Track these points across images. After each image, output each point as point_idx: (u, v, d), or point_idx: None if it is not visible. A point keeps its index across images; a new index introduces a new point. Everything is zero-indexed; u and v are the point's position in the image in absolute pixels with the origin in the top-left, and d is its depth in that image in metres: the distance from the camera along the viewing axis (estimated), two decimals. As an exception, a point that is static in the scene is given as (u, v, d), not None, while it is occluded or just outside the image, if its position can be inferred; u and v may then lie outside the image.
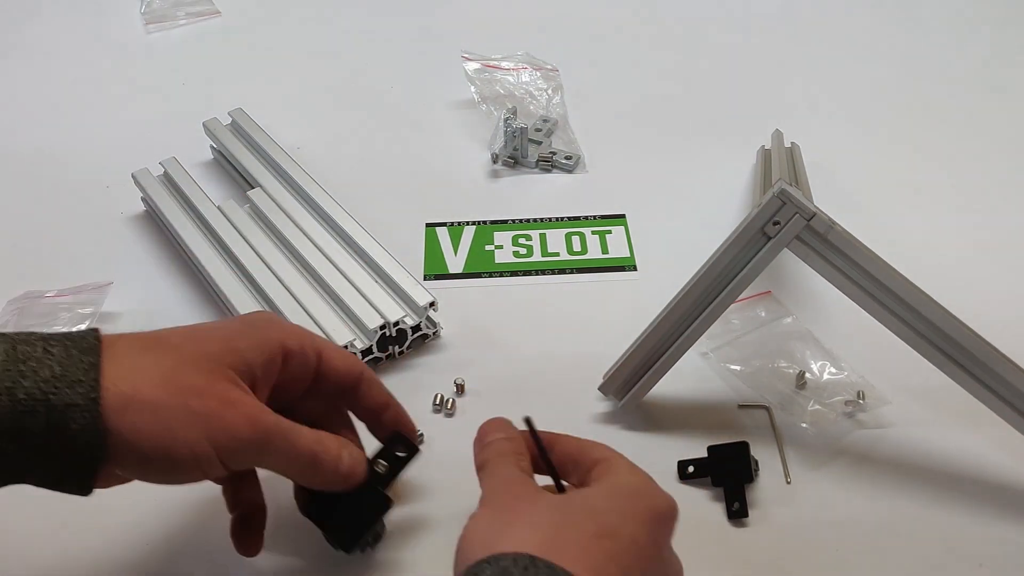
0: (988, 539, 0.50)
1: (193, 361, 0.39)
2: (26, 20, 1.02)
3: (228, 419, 0.39)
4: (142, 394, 0.37)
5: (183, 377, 0.38)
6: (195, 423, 0.38)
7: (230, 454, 0.39)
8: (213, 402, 0.38)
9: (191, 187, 0.71)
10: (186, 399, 0.38)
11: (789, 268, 0.67)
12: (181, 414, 0.37)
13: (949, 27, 1.00)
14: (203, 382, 0.38)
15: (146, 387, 0.37)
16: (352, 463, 0.45)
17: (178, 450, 0.38)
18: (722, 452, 0.52)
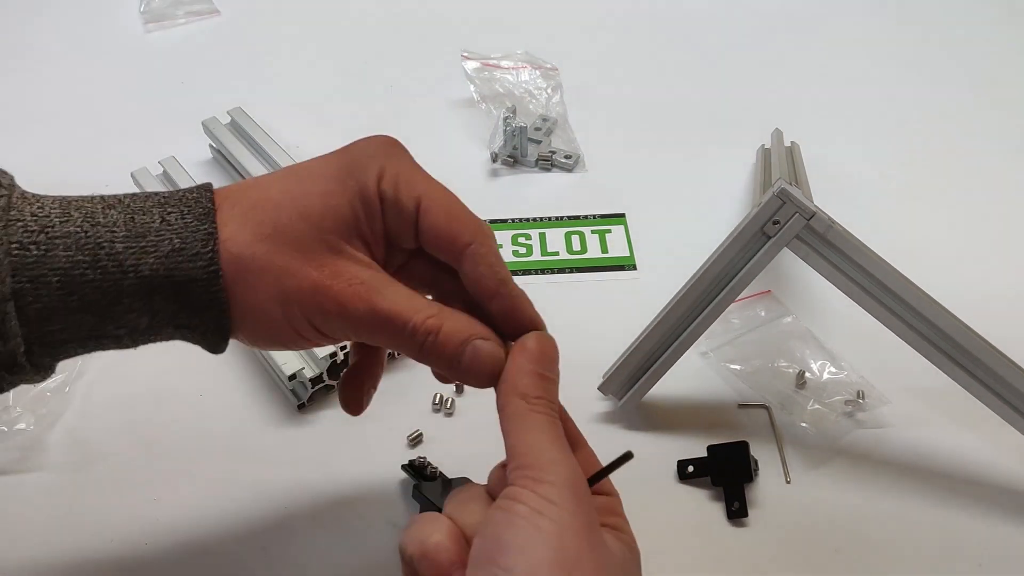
0: (988, 539, 0.50)
1: (290, 227, 0.37)
2: (26, 19, 1.02)
3: (318, 301, 0.37)
4: (250, 266, 0.36)
5: (280, 253, 0.37)
6: (291, 304, 0.37)
7: (329, 332, 0.38)
8: (305, 283, 0.37)
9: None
10: (281, 280, 0.37)
11: (789, 268, 0.67)
12: (278, 295, 0.37)
13: (949, 27, 1.00)
14: (296, 259, 0.37)
15: (250, 263, 0.36)
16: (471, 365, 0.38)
17: (282, 330, 0.38)
18: (722, 452, 0.52)
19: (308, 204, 0.37)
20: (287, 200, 0.37)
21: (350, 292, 0.37)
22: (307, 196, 0.38)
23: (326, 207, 0.38)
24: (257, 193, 0.38)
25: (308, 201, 0.37)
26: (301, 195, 0.38)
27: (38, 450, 0.55)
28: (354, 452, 0.55)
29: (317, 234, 0.37)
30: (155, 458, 0.54)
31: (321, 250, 0.37)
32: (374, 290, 0.37)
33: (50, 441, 0.55)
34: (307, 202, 0.37)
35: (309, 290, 0.37)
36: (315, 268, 0.37)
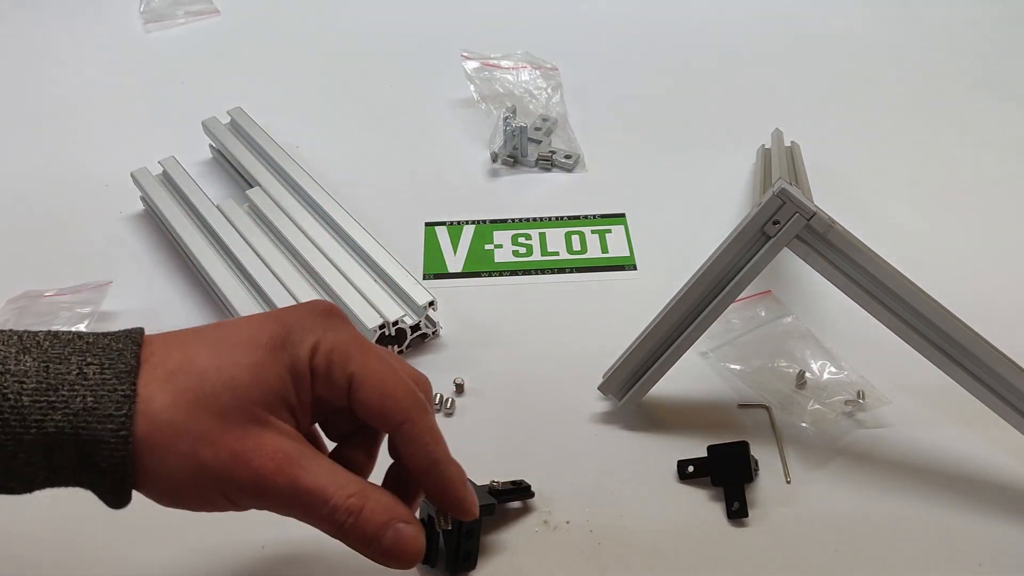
0: (988, 539, 0.50)
1: (213, 397, 0.35)
2: (26, 19, 1.02)
3: (234, 474, 0.35)
4: (161, 435, 0.35)
5: (200, 420, 0.35)
6: (204, 474, 0.35)
7: (240, 504, 0.37)
8: (223, 453, 0.35)
9: (190, 186, 0.71)
10: (197, 448, 0.35)
11: (789, 268, 0.67)
12: (191, 464, 0.35)
13: (949, 27, 1.00)
14: (216, 428, 0.35)
15: (166, 428, 0.35)
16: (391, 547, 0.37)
17: (189, 497, 0.36)
18: (722, 452, 0.52)
19: (236, 375, 0.36)
20: (213, 368, 0.36)
21: (271, 466, 0.35)
22: (236, 366, 0.36)
23: (254, 379, 0.36)
24: (182, 356, 0.36)
25: (236, 372, 0.36)
26: (230, 364, 0.36)
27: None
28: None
29: (241, 405, 0.36)
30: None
31: (244, 421, 0.36)
32: (296, 464, 0.36)
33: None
34: (235, 372, 0.36)
35: (226, 461, 0.35)
36: (235, 439, 0.35)
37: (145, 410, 0.34)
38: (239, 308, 0.61)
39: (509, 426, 0.56)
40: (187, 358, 0.36)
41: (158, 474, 0.35)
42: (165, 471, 0.35)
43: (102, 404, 0.34)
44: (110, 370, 0.35)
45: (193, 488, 0.36)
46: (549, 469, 0.53)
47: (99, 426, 0.34)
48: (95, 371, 0.34)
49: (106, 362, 0.35)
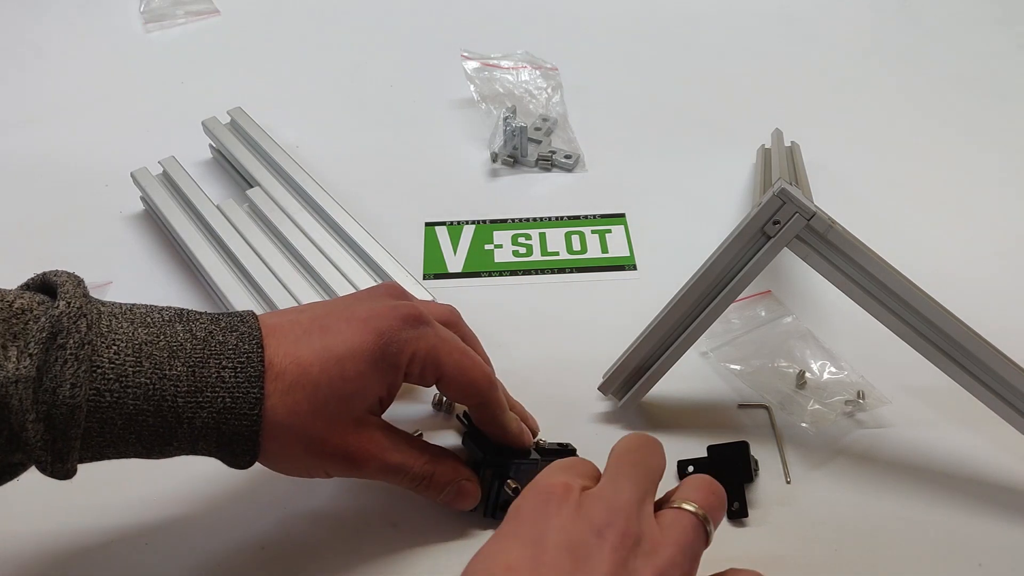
0: (988, 539, 0.50)
1: (325, 407, 0.43)
2: (25, 18, 1.02)
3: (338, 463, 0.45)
4: (286, 433, 0.43)
5: (312, 426, 0.43)
6: (313, 463, 0.45)
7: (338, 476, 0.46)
8: (330, 448, 0.44)
9: (190, 186, 0.71)
10: (310, 446, 0.44)
11: (789, 268, 0.67)
12: (304, 454, 0.44)
13: (949, 27, 1.00)
14: (326, 431, 0.44)
15: (287, 431, 0.43)
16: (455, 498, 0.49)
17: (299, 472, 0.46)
18: (722, 452, 0.52)
19: (343, 388, 0.44)
20: (325, 380, 0.43)
21: (367, 455, 0.45)
22: (343, 380, 0.44)
23: (358, 390, 0.45)
24: (297, 370, 0.43)
25: (342, 384, 0.44)
26: (339, 377, 0.44)
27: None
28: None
29: (348, 412, 0.45)
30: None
31: (348, 422, 0.45)
32: (386, 449, 0.46)
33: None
34: (342, 386, 0.44)
35: (332, 454, 0.45)
36: (341, 438, 0.45)
37: (271, 416, 0.42)
38: (238, 308, 0.61)
39: (509, 426, 0.55)
40: (302, 371, 0.43)
41: (277, 456, 0.44)
42: (283, 456, 0.44)
43: (238, 404, 0.42)
44: (242, 374, 0.42)
45: (303, 469, 0.46)
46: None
47: (236, 423, 0.42)
48: (230, 375, 0.42)
49: (238, 366, 0.42)
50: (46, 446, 0.38)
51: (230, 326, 0.43)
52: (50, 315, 0.39)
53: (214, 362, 0.42)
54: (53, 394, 0.38)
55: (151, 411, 0.40)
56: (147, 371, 0.40)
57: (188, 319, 0.43)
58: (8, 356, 0.37)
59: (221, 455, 0.43)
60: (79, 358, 0.38)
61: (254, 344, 0.43)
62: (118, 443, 0.40)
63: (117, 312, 0.41)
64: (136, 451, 0.41)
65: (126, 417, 0.40)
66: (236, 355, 0.42)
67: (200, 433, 0.41)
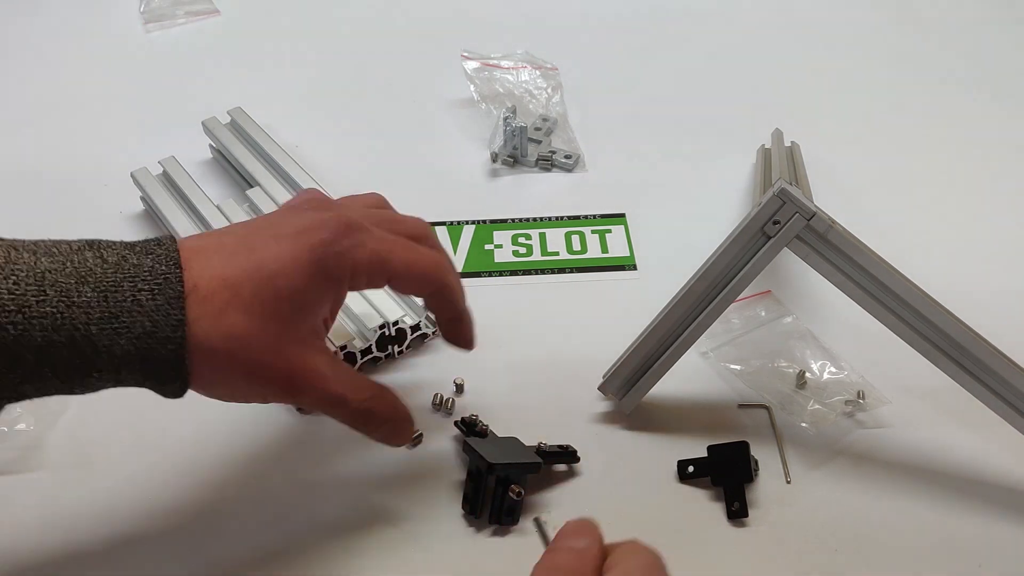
0: (988, 539, 0.50)
1: (263, 327, 0.41)
2: (25, 18, 1.02)
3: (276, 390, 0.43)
4: (218, 358, 0.40)
5: (253, 348, 0.41)
6: (256, 391, 0.43)
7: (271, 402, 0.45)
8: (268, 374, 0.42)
9: (190, 186, 0.71)
10: (252, 373, 0.41)
11: (789, 268, 0.67)
12: (244, 383, 0.42)
13: (949, 27, 1.00)
14: (265, 357, 0.41)
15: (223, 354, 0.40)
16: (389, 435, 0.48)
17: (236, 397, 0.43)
18: (722, 452, 0.52)
19: (280, 308, 0.41)
20: (258, 301, 0.40)
21: (309, 382, 0.43)
22: (278, 299, 0.41)
23: (297, 309, 0.42)
24: (228, 293, 0.40)
25: (279, 305, 0.41)
26: (272, 297, 0.40)
27: (38, 450, 0.55)
28: (353, 451, 0.54)
29: (286, 332, 0.41)
30: (155, 458, 0.54)
31: (289, 345, 0.42)
32: (328, 378, 0.43)
33: (50, 441, 0.55)
34: (278, 305, 0.41)
35: (273, 378, 0.42)
36: (284, 362, 0.42)
37: (205, 342, 0.39)
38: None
39: (509, 426, 0.55)
40: (232, 292, 0.40)
41: (213, 382, 0.41)
42: (220, 382, 0.42)
43: (159, 328, 0.39)
44: (160, 296, 0.39)
45: (240, 395, 0.43)
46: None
47: (159, 348, 0.39)
48: (147, 297, 0.39)
49: (155, 288, 0.39)
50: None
51: (145, 250, 0.40)
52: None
53: (128, 285, 0.39)
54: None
55: (63, 342, 0.37)
56: (52, 300, 0.37)
57: (100, 247, 0.40)
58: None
59: (149, 384, 0.41)
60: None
61: (172, 265, 0.40)
62: (34, 379, 0.38)
63: (19, 245, 0.39)
64: (56, 386, 0.39)
65: (36, 350, 0.37)
66: (152, 277, 0.39)
67: (122, 362, 0.39)
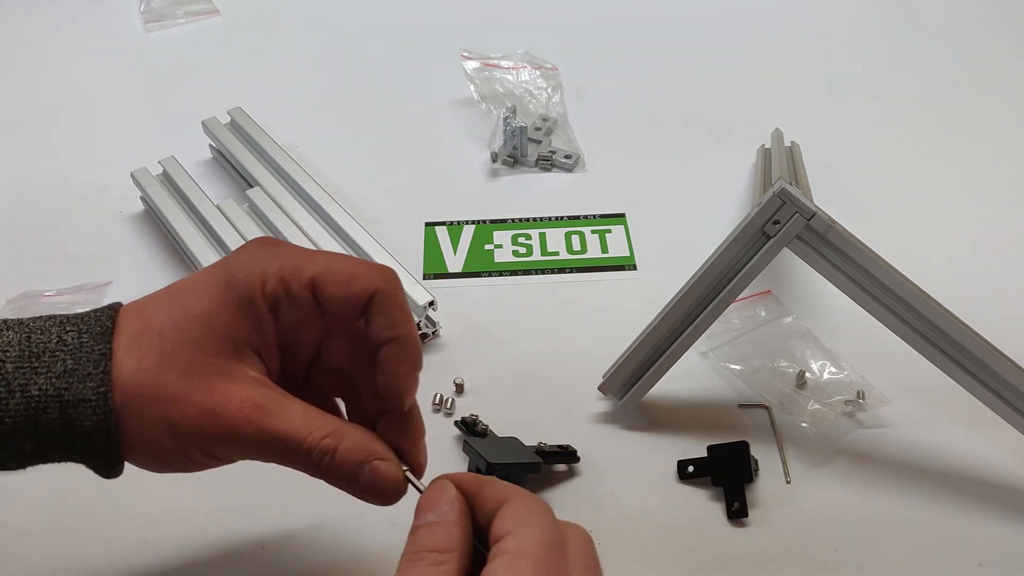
0: (988, 539, 0.50)
1: (174, 355, 0.36)
2: (25, 18, 1.02)
3: (206, 429, 0.36)
4: (135, 398, 0.35)
5: (166, 382, 0.36)
6: (179, 433, 0.36)
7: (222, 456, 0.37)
8: (191, 410, 0.36)
9: (190, 186, 0.71)
10: (168, 409, 0.36)
11: (789, 268, 0.67)
12: (165, 425, 0.36)
13: (949, 27, 1.00)
14: (183, 387, 0.36)
15: (138, 392, 0.36)
16: (370, 486, 0.37)
17: (174, 457, 0.37)
18: (722, 452, 0.52)
19: (189, 328, 0.36)
20: (170, 326, 0.36)
21: (240, 416, 0.36)
22: (188, 319, 0.36)
23: (208, 329, 0.36)
24: (142, 320, 0.37)
25: (189, 325, 0.36)
26: (182, 319, 0.36)
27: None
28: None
29: (202, 358, 0.36)
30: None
31: (208, 374, 0.36)
32: (265, 411, 0.36)
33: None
34: (188, 326, 0.36)
35: (197, 417, 0.35)
36: (203, 394, 0.36)
37: (118, 376, 0.35)
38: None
39: (509, 426, 0.55)
40: (147, 320, 0.37)
41: (139, 436, 0.36)
42: (144, 434, 0.36)
43: (81, 365, 0.35)
44: (87, 334, 0.36)
45: (173, 448, 0.36)
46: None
47: (79, 385, 0.35)
48: (73, 336, 0.36)
49: (83, 327, 0.36)
50: None
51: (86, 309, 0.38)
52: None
53: (55, 329, 0.36)
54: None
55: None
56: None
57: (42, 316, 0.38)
58: None
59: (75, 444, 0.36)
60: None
61: (107, 309, 0.37)
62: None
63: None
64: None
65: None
66: (83, 319, 0.37)
67: (38, 405, 0.35)
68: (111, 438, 0.35)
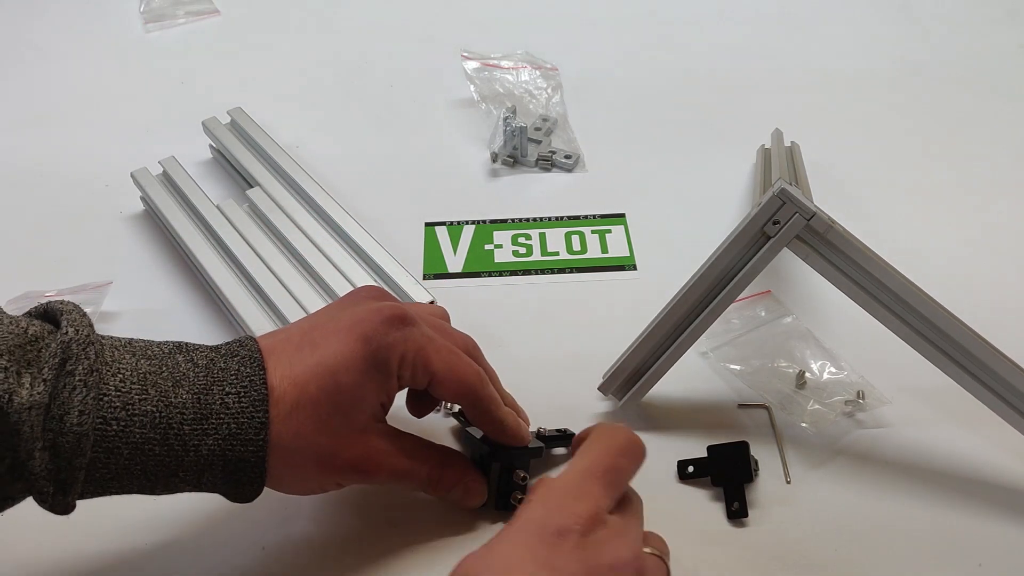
0: (988, 539, 0.50)
1: (328, 423, 0.44)
2: (25, 18, 1.02)
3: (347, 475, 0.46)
4: (293, 455, 0.43)
5: (318, 443, 0.44)
6: (322, 479, 0.46)
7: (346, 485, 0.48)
8: (338, 463, 0.45)
9: (190, 186, 0.71)
10: (319, 462, 0.45)
11: (789, 268, 0.67)
12: (316, 476, 0.45)
13: (949, 27, 1.00)
14: (333, 446, 0.44)
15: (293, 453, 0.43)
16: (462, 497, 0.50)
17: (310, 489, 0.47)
18: (722, 452, 0.52)
19: (342, 401, 0.44)
20: (324, 397, 0.43)
21: (376, 464, 0.46)
22: (340, 392, 0.44)
23: (356, 400, 0.45)
24: (297, 391, 0.43)
25: (341, 398, 0.44)
26: (335, 391, 0.44)
27: (38, 450, 0.55)
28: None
29: (351, 423, 0.45)
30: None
31: (354, 434, 0.45)
32: (394, 455, 0.47)
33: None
34: (340, 399, 0.44)
35: (342, 468, 0.45)
36: (349, 451, 0.45)
37: (277, 441, 0.42)
38: (239, 308, 0.61)
39: (509, 426, 0.56)
40: (299, 391, 0.43)
41: (286, 479, 0.45)
42: (292, 478, 0.45)
43: (243, 430, 0.42)
44: (246, 399, 0.42)
45: (315, 487, 0.47)
46: (549, 469, 0.53)
47: (242, 448, 0.42)
48: (234, 400, 0.42)
49: (241, 391, 0.42)
50: (50, 476, 0.38)
51: (230, 352, 0.44)
52: (60, 341, 0.39)
53: (218, 389, 0.42)
54: (60, 422, 0.37)
55: (157, 439, 0.40)
56: (153, 399, 0.40)
57: (188, 349, 0.43)
58: (22, 383, 0.37)
59: (227, 486, 0.43)
60: (87, 384, 0.38)
61: (256, 367, 0.43)
62: (123, 475, 0.40)
63: (118, 344, 0.41)
64: (140, 484, 0.41)
65: (132, 447, 0.39)
66: (239, 380, 0.42)
67: (206, 462, 0.41)
68: (260, 489, 0.44)
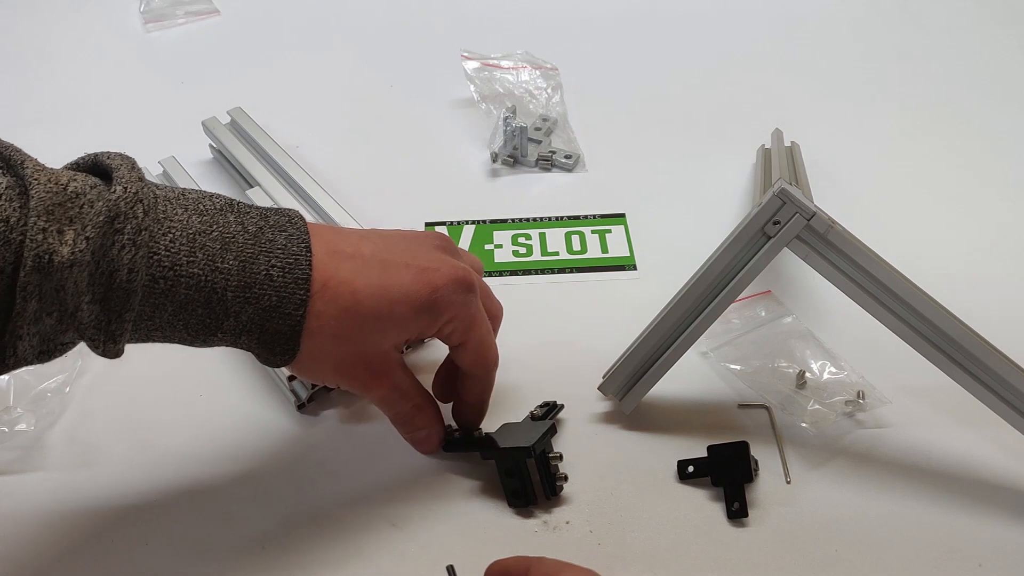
0: (988, 539, 0.50)
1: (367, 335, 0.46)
2: (26, 19, 1.02)
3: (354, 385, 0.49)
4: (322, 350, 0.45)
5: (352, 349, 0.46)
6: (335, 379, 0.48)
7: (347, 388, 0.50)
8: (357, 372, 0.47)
9: (190, 186, 0.71)
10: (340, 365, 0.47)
11: (789, 268, 0.67)
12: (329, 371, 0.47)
13: (949, 27, 1.00)
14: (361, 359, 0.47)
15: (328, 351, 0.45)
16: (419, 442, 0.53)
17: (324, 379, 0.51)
18: (722, 452, 0.52)
19: (386, 326, 0.46)
20: (373, 316, 0.45)
21: (379, 384, 0.48)
22: (391, 319, 0.46)
23: (399, 331, 0.47)
24: (352, 300, 0.45)
25: (387, 324, 0.46)
26: (387, 316, 0.46)
27: (38, 450, 0.55)
28: (353, 452, 0.55)
29: (382, 343, 0.47)
30: (155, 458, 0.54)
31: (379, 352, 0.47)
32: (396, 386, 0.49)
33: (50, 441, 0.55)
34: (385, 324, 0.46)
35: (354, 376, 0.47)
36: (367, 365, 0.47)
37: (318, 330, 0.44)
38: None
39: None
40: (355, 301, 0.45)
41: (305, 364, 0.46)
42: (311, 366, 0.46)
43: (283, 304, 0.43)
44: (290, 275, 0.43)
45: (320, 378, 0.50)
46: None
47: (280, 321, 0.43)
48: (278, 273, 0.43)
49: (286, 266, 0.43)
50: (100, 327, 0.39)
51: (278, 225, 0.44)
52: (107, 199, 0.39)
53: (263, 259, 0.43)
54: (110, 277, 0.38)
55: (201, 302, 0.41)
56: (200, 262, 0.41)
57: (239, 211, 0.44)
58: (64, 240, 0.37)
59: (260, 350, 0.44)
60: (136, 244, 0.39)
61: (303, 247, 0.44)
62: (166, 328, 0.42)
63: (171, 196, 0.42)
64: (182, 338, 0.43)
65: (176, 305, 0.41)
66: (285, 255, 0.43)
67: (245, 328, 0.43)
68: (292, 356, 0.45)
